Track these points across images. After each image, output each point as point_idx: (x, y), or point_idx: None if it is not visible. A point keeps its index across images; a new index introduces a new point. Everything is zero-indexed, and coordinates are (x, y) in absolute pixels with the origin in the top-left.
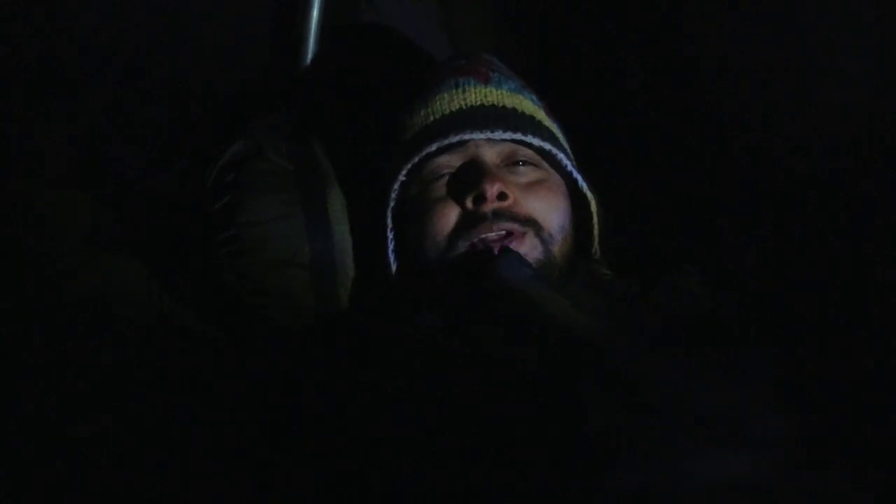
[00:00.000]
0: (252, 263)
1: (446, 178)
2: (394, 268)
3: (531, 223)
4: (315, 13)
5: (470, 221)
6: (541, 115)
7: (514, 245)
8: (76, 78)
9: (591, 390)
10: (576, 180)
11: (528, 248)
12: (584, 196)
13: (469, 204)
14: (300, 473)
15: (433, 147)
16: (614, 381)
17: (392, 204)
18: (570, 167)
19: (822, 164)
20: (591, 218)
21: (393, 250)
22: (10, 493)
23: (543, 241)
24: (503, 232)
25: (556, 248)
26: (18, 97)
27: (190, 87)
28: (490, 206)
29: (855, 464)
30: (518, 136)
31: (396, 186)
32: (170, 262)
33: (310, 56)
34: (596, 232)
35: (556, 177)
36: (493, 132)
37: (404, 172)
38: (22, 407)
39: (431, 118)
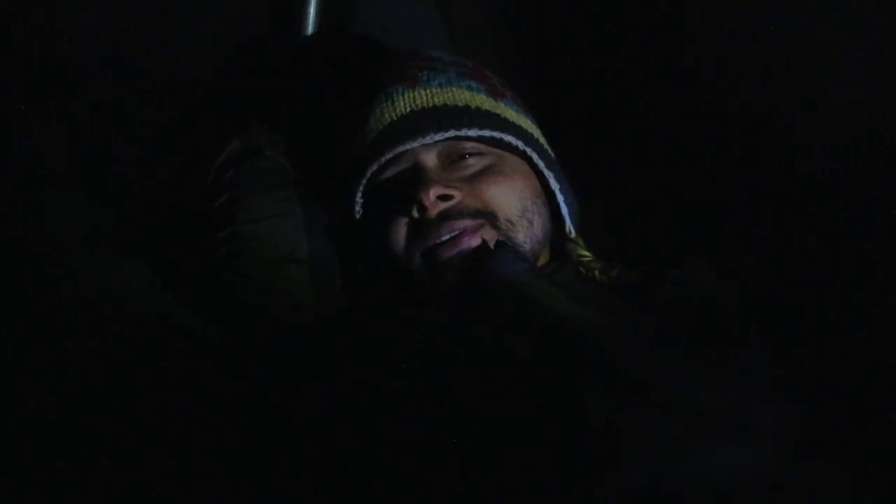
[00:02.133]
0: (251, 261)
1: (393, 192)
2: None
3: (484, 214)
4: (313, 11)
5: (419, 231)
6: (479, 99)
7: (468, 240)
8: (76, 78)
9: (591, 389)
10: (530, 157)
11: (487, 240)
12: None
13: (415, 214)
14: (300, 473)
15: (374, 167)
16: (614, 379)
17: (357, 225)
18: (521, 146)
19: (822, 164)
20: (554, 195)
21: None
22: (10, 493)
23: (502, 230)
24: (455, 232)
25: (521, 234)
26: (18, 97)
27: (189, 87)
28: (433, 211)
29: (855, 464)
30: (451, 133)
31: (358, 209)
32: (170, 262)
33: (308, 54)
34: (564, 210)
35: (509, 159)
36: (424, 137)
37: (359, 195)
38: (22, 407)
39: (369, 137)
